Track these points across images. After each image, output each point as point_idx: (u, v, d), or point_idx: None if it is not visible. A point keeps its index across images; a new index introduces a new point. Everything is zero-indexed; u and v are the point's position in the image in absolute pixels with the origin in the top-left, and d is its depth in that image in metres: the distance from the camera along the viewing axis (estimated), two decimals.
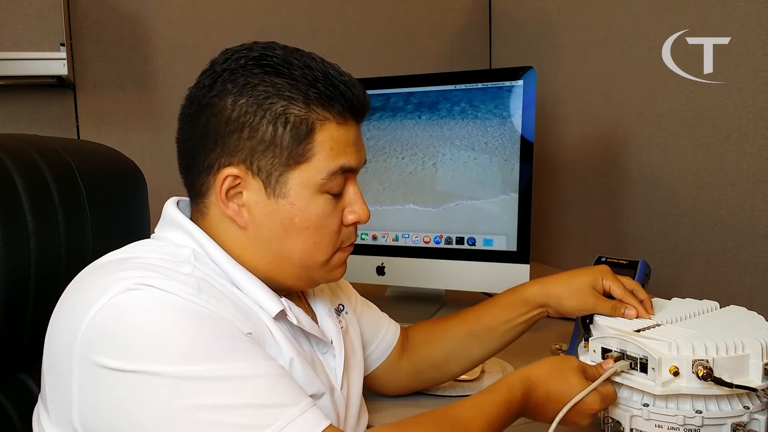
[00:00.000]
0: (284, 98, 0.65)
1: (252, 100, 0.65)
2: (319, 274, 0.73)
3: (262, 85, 0.65)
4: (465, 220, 1.31)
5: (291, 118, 0.65)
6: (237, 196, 0.67)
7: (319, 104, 0.66)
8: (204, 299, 0.59)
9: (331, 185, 0.68)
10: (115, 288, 0.57)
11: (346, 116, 0.69)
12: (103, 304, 0.57)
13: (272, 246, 0.69)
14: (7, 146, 0.79)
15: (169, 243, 0.69)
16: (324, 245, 0.70)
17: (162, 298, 0.57)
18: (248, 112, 0.65)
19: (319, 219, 0.69)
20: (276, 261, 0.70)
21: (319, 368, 0.73)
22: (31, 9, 1.37)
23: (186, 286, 0.59)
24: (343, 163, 0.68)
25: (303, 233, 0.69)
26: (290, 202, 0.67)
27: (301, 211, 0.68)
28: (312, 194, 0.68)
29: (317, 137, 0.66)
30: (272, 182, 0.67)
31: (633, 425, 0.75)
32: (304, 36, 1.77)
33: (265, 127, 0.65)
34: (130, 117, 1.64)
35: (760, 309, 0.82)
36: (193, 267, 0.64)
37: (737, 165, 1.24)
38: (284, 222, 0.68)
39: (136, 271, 0.59)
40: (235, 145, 0.66)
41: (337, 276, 0.75)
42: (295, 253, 0.69)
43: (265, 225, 0.68)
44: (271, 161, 0.66)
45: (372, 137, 1.39)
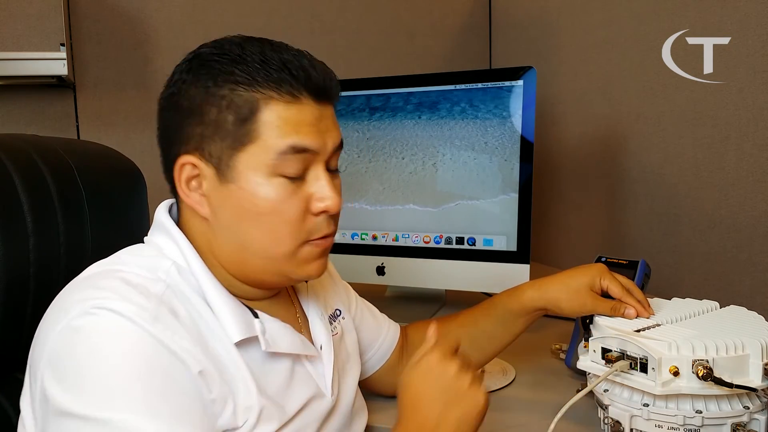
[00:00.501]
0: (230, 81, 0.64)
1: (200, 86, 0.65)
2: (288, 268, 0.69)
3: (211, 72, 0.65)
4: (465, 220, 1.31)
5: (235, 99, 0.64)
6: (199, 187, 0.67)
7: (265, 84, 0.64)
8: (159, 329, 0.58)
9: (284, 167, 0.65)
10: (75, 309, 0.58)
11: (297, 95, 0.65)
12: (63, 326, 0.58)
13: (232, 236, 0.67)
14: (7, 146, 0.79)
15: (155, 251, 0.68)
16: (283, 234, 0.66)
17: (114, 329, 0.57)
18: (196, 98, 0.65)
19: (272, 204, 0.65)
20: (239, 252, 0.67)
21: (301, 379, 0.71)
22: (31, 9, 1.37)
23: (143, 312, 0.58)
24: (295, 142, 0.64)
25: (256, 220, 0.65)
26: (239, 186, 0.65)
27: (250, 195, 0.65)
28: (263, 177, 0.65)
29: (262, 116, 0.64)
30: (223, 167, 0.65)
31: (633, 425, 0.75)
32: (304, 36, 1.77)
33: (211, 112, 0.64)
34: (130, 117, 1.64)
35: (760, 309, 0.83)
36: (166, 286, 0.63)
37: (737, 165, 1.24)
38: (237, 208, 0.66)
39: (100, 291, 0.59)
40: (188, 134, 0.66)
41: (312, 273, 0.70)
42: (254, 242, 0.67)
43: (221, 213, 0.66)
44: (219, 145, 0.65)
45: (372, 137, 1.39)
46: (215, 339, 0.64)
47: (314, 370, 0.73)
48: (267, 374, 0.67)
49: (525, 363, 1.07)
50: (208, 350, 0.62)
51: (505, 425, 0.88)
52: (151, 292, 0.61)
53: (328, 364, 0.75)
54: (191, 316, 0.63)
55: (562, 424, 0.71)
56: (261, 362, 0.67)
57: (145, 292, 0.60)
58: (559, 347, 1.06)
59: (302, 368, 0.72)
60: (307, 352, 0.72)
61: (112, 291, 0.59)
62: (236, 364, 0.64)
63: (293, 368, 0.70)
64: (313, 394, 0.72)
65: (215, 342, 0.64)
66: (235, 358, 0.64)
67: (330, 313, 0.83)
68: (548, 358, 1.08)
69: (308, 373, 0.73)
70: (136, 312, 0.58)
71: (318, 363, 0.74)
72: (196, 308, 0.64)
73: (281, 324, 0.70)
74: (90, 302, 0.58)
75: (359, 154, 1.39)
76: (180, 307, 0.62)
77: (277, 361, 0.69)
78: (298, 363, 0.72)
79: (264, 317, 0.69)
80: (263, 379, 0.66)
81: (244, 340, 0.65)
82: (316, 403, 0.71)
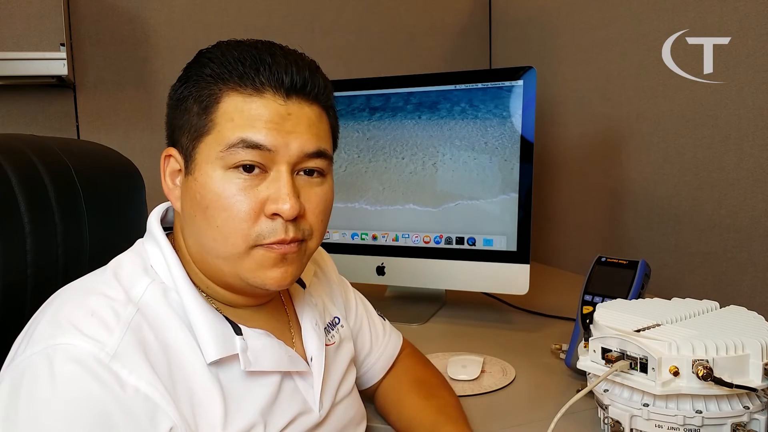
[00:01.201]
0: (204, 76, 0.65)
1: (181, 82, 0.67)
2: (242, 272, 0.65)
3: (193, 69, 0.67)
4: (465, 220, 1.31)
5: (202, 92, 0.65)
6: (176, 180, 0.68)
7: (230, 78, 0.64)
8: (116, 367, 0.56)
9: (234, 160, 0.62)
10: (38, 345, 0.57)
11: (260, 90, 0.63)
12: (27, 356, 0.57)
13: (192, 231, 0.66)
14: (4, 146, 0.79)
15: (141, 264, 0.67)
16: (228, 231, 0.63)
17: (69, 377, 0.55)
18: (177, 93, 0.67)
19: (218, 198, 0.63)
20: (200, 251, 0.66)
21: (288, 395, 0.69)
22: (31, 9, 1.37)
23: (101, 351, 0.56)
24: (246, 135, 0.62)
25: (205, 213, 0.63)
26: (195, 177, 0.65)
27: (201, 187, 0.64)
28: (214, 169, 0.63)
29: (220, 108, 0.64)
30: (188, 158, 0.66)
31: (633, 425, 0.74)
32: (304, 36, 1.77)
33: (183, 105, 0.66)
34: (130, 117, 1.64)
35: (760, 309, 0.82)
36: (136, 310, 0.61)
37: (737, 165, 1.24)
38: (192, 200, 0.65)
39: (62, 329, 0.58)
40: (170, 127, 0.68)
41: (269, 281, 0.65)
42: (206, 239, 0.65)
43: (184, 207, 0.67)
44: (186, 136, 0.66)
45: (372, 137, 1.39)
46: (189, 362, 0.62)
47: (303, 384, 0.72)
48: (249, 392, 0.65)
49: (525, 363, 1.06)
50: (175, 378, 0.60)
51: (505, 425, 0.87)
52: (121, 318, 0.60)
53: (317, 379, 0.73)
54: (161, 343, 0.61)
55: (562, 424, 0.71)
56: (242, 381, 0.65)
57: (111, 323, 0.59)
58: (559, 347, 1.06)
59: (291, 383, 0.70)
60: (294, 368, 0.70)
61: (75, 326, 0.58)
62: (206, 388, 0.62)
63: (280, 384, 0.69)
64: (300, 410, 0.70)
65: (188, 365, 0.62)
66: (207, 380, 0.62)
67: (328, 321, 0.82)
68: (548, 358, 1.08)
69: (296, 388, 0.71)
70: (93, 353, 0.56)
71: (308, 377, 0.72)
72: (170, 331, 0.63)
73: (267, 340, 0.68)
74: (51, 341, 0.57)
75: (359, 154, 1.39)
76: (149, 333, 0.61)
77: (261, 378, 0.67)
78: (287, 378, 0.70)
79: (248, 333, 0.67)
80: (244, 397, 0.65)
81: (225, 358, 0.64)
82: (302, 418, 0.70)
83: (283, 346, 0.70)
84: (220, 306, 0.69)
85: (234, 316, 0.68)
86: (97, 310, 0.60)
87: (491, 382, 1.00)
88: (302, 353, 0.74)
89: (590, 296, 1.01)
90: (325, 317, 0.82)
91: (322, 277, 0.87)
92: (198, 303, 0.65)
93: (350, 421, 0.79)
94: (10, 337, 0.63)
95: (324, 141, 0.67)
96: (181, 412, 0.59)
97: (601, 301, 0.98)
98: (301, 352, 0.74)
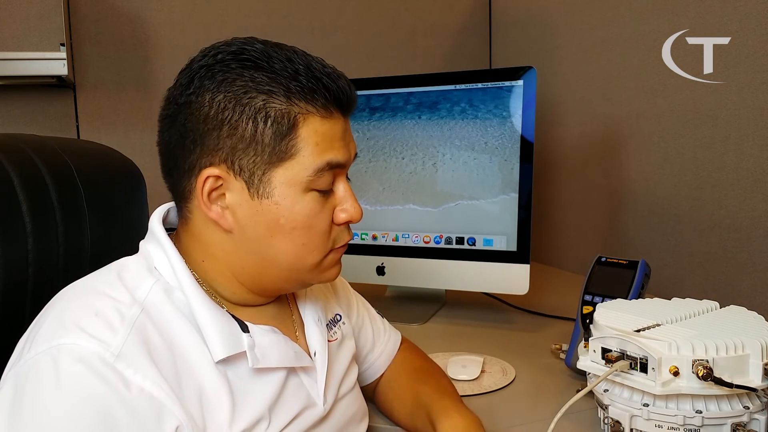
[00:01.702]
0: (264, 92, 0.62)
1: (230, 95, 0.62)
2: (309, 276, 0.70)
3: (240, 80, 0.62)
4: (465, 220, 1.31)
5: (272, 112, 0.62)
6: (220, 198, 0.65)
7: (301, 97, 0.63)
8: (121, 366, 0.56)
9: (319, 182, 0.65)
10: (41, 345, 0.57)
11: (330, 109, 0.65)
12: (32, 356, 0.57)
13: (259, 249, 0.66)
14: (5, 146, 0.79)
15: (144, 265, 0.67)
16: (314, 246, 0.67)
17: (74, 377, 0.55)
18: (226, 108, 0.62)
19: (307, 219, 0.65)
20: (263, 264, 0.67)
21: (293, 390, 0.70)
22: (31, 9, 1.37)
23: (106, 351, 0.56)
24: (331, 158, 0.65)
25: (290, 234, 0.65)
26: (275, 201, 0.64)
27: (287, 211, 0.64)
28: (298, 193, 0.65)
29: (301, 132, 0.63)
30: (255, 182, 0.64)
31: (633, 425, 0.75)
32: (304, 36, 1.77)
33: (244, 124, 0.62)
34: (130, 117, 1.64)
35: (760, 309, 0.82)
36: (141, 310, 0.61)
37: (737, 165, 1.24)
38: (270, 223, 0.65)
39: (67, 329, 0.58)
40: (215, 144, 0.63)
41: (331, 276, 0.72)
42: (283, 256, 0.66)
43: (250, 227, 0.65)
44: (253, 159, 0.63)
45: (372, 137, 1.39)
46: (196, 361, 0.62)
47: (307, 379, 0.72)
48: (256, 388, 0.66)
49: (525, 363, 1.07)
50: (182, 377, 0.60)
51: (505, 425, 0.87)
52: (125, 319, 0.60)
53: (321, 373, 0.73)
54: (167, 342, 0.61)
55: (562, 424, 0.71)
56: (249, 377, 0.65)
57: (115, 323, 0.59)
58: (559, 347, 1.06)
59: (296, 379, 0.71)
60: (299, 364, 0.71)
61: (79, 326, 0.58)
62: (214, 386, 0.62)
63: (286, 380, 0.69)
64: (305, 405, 0.70)
65: (195, 364, 0.62)
66: (214, 378, 0.62)
67: (330, 318, 0.82)
68: (548, 358, 1.08)
69: (301, 383, 0.71)
70: (98, 352, 0.56)
71: (312, 372, 0.73)
72: (176, 331, 0.63)
73: (274, 336, 0.69)
74: (55, 341, 0.57)
75: (359, 154, 1.39)
76: (154, 334, 0.61)
77: (268, 374, 0.67)
78: (292, 373, 0.70)
79: (255, 330, 0.67)
80: (251, 394, 0.65)
81: (232, 355, 0.64)
82: (307, 412, 0.70)
83: (290, 342, 0.71)
84: (226, 305, 0.69)
85: (240, 314, 0.69)
86: (101, 310, 0.60)
87: (491, 382, 1.00)
88: (305, 348, 0.74)
89: (590, 296, 1.01)
90: (327, 314, 0.82)
91: None
92: (204, 302, 0.65)
93: (353, 417, 0.79)
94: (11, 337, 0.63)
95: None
96: (187, 411, 0.59)
97: (601, 301, 0.98)
98: (304, 347, 0.74)
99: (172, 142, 0.67)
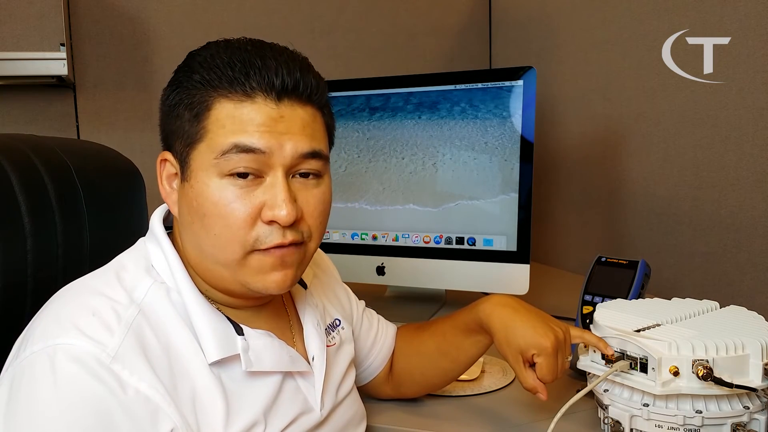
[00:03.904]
0: (194, 81, 0.64)
1: (172, 88, 0.67)
2: (243, 278, 0.65)
3: (182, 74, 0.66)
4: (465, 220, 1.31)
5: (194, 98, 0.64)
6: (175, 182, 0.68)
7: (219, 83, 0.63)
8: (117, 368, 0.56)
9: (229, 166, 0.62)
10: (38, 344, 0.57)
11: (252, 94, 0.63)
12: (27, 355, 0.57)
13: (191, 238, 0.66)
14: (4, 146, 0.79)
15: (144, 264, 0.67)
16: (227, 239, 0.63)
17: (70, 376, 0.55)
18: (168, 99, 0.67)
19: (215, 206, 0.63)
20: (200, 257, 0.66)
21: (290, 395, 0.69)
22: (31, 9, 1.37)
23: (102, 352, 0.57)
24: (238, 140, 0.62)
25: (203, 221, 0.64)
26: (191, 185, 0.64)
27: (197, 194, 0.64)
28: (209, 177, 0.63)
29: (212, 114, 0.63)
30: (183, 164, 0.66)
31: (633, 425, 0.74)
32: (304, 36, 1.77)
33: (175, 112, 0.66)
34: (130, 117, 1.64)
35: (760, 309, 0.82)
36: (138, 311, 0.61)
37: (737, 165, 1.24)
38: (188, 207, 0.65)
39: (64, 329, 0.58)
40: (164, 132, 0.68)
41: (270, 285, 0.65)
42: (205, 246, 0.65)
43: (181, 213, 0.67)
44: (180, 142, 0.66)
45: (372, 137, 1.39)
46: (190, 362, 0.62)
47: (305, 384, 0.72)
48: (251, 392, 0.65)
49: None
50: (177, 379, 0.60)
51: (505, 425, 0.87)
52: (122, 320, 0.60)
53: (319, 378, 0.73)
54: (163, 344, 0.61)
55: (562, 424, 0.71)
56: (243, 380, 0.65)
57: (112, 324, 0.59)
58: None
59: (292, 383, 0.71)
60: (294, 368, 0.70)
61: (76, 326, 0.58)
62: (208, 388, 0.62)
63: (282, 384, 0.69)
64: (302, 410, 0.70)
65: (190, 366, 0.62)
66: (208, 380, 0.62)
67: (329, 323, 0.82)
68: None
69: (298, 388, 0.71)
70: (94, 353, 0.56)
71: (309, 376, 0.72)
72: (172, 332, 0.63)
73: (269, 340, 0.68)
74: (51, 340, 0.57)
75: (359, 154, 1.39)
76: (150, 335, 0.61)
77: (262, 378, 0.67)
78: (288, 378, 0.70)
79: (250, 333, 0.67)
80: (246, 397, 0.65)
81: (227, 358, 0.64)
82: (303, 417, 0.70)
83: (285, 346, 0.70)
84: (222, 306, 0.69)
85: (235, 317, 0.68)
86: (98, 310, 0.60)
87: (491, 382, 1.00)
88: (303, 353, 0.74)
89: (590, 296, 1.01)
90: (326, 318, 0.82)
91: (323, 278, 0.88)
92: (199, 303, 0.65)
93: (350, 421, 0.79)
94: (10, 337, 0.63)
95: (319, 141, 0.67)
96: (182, 413, 0.59)
97: (601, 301, 0.98)
98: (302, 352, 0.74)
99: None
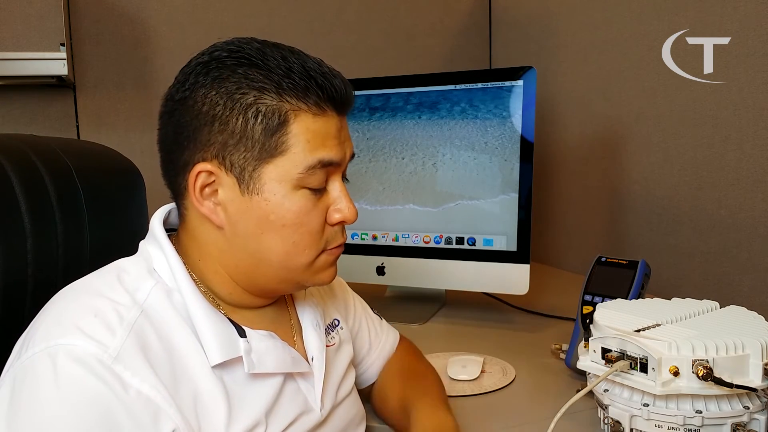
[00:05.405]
0: (255, 89, 0.63)
1: (222, 91, 0.63)
2: (303, 277, 0.69)
3: (233, 77, 0.63)
4: (465, 220, 1.31)
5: (262, 108, 0.63)
6: (213, 194, 0.65)
7: (293, 95, 0.63)
8: (119, 369, 0.56)
9: (310, 180, 0.65)
10: (39, 345, 0.57)
11: (323, 107, 0.65)
12: (29, 356, 0.57)
13: (250, 246, 0.66)
14: (4, 146, 0.79)
15: (144, 266, 0.67)
16: (305, 245, 0.67)
17: (72, 377, 0.55)
18: (218, 104, 0.63)
19: (297, 216, 0.65)
20: (255, 263, 0.67)
21: (291, 396, 0.70)
22: (31, 9, 1.37)
23: (104, 353, 0.56)
24: (323, 156, 0.65)
25: (280, 232, 0.65)
26: (264, 198, 0.64)
27: (276, 207, 0.64)
28: (289, 190, 0.64)
29: (292, 128, 0.63)
30: (246, 178, 0.64)
31: (633, 425, 0.74)
32: (304, 36, 1.77)
33: (235, 120, 0.63)
34: (130, 117, 1.64)
35: (760, 309, 0.82)
36: (140, 312, 0.61)
37: (737, 165, 1.24)
38: (260, 220, 0.65)
39: (65, 329, 0.58)
40: (207, 140, 0.64)
41: (326, 279, 0.71)
42: (273, 254, 0.66)
43: (240, 224, 0.65)
44: (243, 155, 0.63)
45: (372, 137, 1.39)
46: (193, 364, 0.62)
47: (305, 385, 0.72)
48: (252, 393, 0.65)
49: (525, 363, 1.06)
50: (179, 381, 0.60)
51: (505, 425, 0.87)
52: (124, 321, 0.59)
53: (318, 378, 0.73)
54: (165, 345, 0.61)
55: (562, 424, 0.71)
56: (245, 382, 0.65)
57: (114, 325, 0.59)
58: (559, 347, 1.06)
59: (293, 384, 0.71)
60: (296, 369, 0.70)
61: (78, 327, 0.58)
62: (210, 390, 0.62)
63: (283, 385, 0.69)
64: (302, 410, 0.70)
65: (192, 368, 0.62)
66: (211, 382, 0.62)
67: (328, 323, 0.82)
68: (548, 358, 1.08)
69: (298, 389, 0.71)
70: (96, 354, 0.56)
71: (309, 377, 0.73)
72: (174, 334, 0.63)
73: (271, 341, 0.68)
74: (53, 341, 0.57)
75: (359, 154, 1.39)
76: (152, 337, 0.61)
77: (264, 379, 0.67)
78: (289, 378, 0.70)
79: (252, 335, 0.67)
80: (248, 399, 0.65)
81: (229, 359, 0.64)
82: (304, 418, 0.70)
83: (287, 348, 0.70)
84: (224, 307, 0.69)
85: (238, 317, 0.68)
86: (100, 311, 0.60)
87: (491, 382, 1.00)
88: (303, 353, 0.74)
89: (590, 296, 1.01)
90: (325, 318, 0.82)
91: None
92: (201, 305, 0.65)
93: (350, 422, 0.79)
94: (10, 338, 0.63)
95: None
96: (183, 415, 0.59)
97: (601, 301, 0.98)
98: (301, 351, 0.74)
99: (168, 139, 0.67)
